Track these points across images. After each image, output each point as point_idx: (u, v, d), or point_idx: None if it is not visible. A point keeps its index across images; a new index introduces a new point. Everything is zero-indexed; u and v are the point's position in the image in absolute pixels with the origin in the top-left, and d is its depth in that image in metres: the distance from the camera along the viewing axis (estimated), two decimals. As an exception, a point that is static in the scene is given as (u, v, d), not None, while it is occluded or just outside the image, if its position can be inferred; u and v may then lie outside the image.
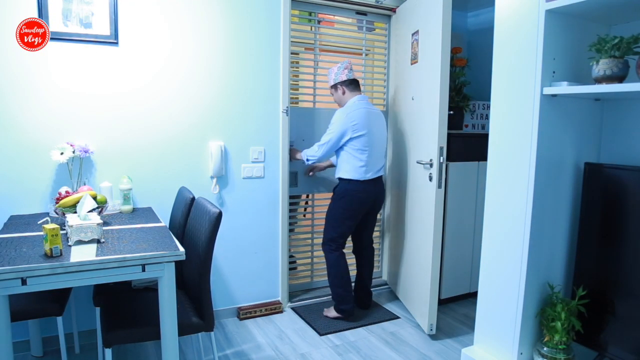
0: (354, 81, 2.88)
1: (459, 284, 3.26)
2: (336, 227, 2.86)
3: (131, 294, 2.19)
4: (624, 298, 1.90)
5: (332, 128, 2.80)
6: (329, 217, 2.91)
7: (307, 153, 2.92)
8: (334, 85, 2.90)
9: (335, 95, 2.93)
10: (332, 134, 2.79)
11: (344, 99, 2.87)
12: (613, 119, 2.10)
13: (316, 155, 2.87)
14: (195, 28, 2.71)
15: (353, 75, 2.88)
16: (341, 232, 2.87)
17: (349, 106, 2.80)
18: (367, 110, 2.80)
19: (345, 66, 2.86)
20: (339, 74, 2.86)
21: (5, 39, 2.27)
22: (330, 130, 2.81)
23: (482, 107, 3.43)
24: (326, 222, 2.93)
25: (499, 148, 2.14)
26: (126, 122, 2.60)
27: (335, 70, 2.88)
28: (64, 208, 2.09)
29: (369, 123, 2.77)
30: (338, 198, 2.85)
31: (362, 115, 2.76)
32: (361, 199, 2.83)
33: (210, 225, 1.93)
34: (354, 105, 2.80)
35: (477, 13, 3.71)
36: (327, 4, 3.15)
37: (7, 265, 1.57)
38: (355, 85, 2.88)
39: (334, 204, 2.89)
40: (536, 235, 2.00)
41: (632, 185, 1.88)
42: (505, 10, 2.06)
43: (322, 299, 3.23)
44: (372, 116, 2.81)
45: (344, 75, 2.85)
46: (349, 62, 2.89)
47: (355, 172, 2.79)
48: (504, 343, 2.11)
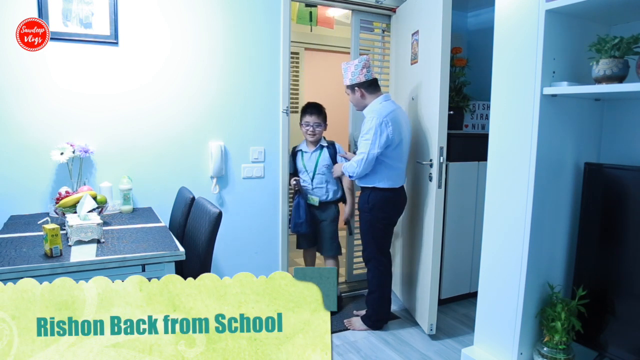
0: (374, 81, 2.64)
1: (459, 284, 3.26)
2: (380, 240, 2.67)
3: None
4: (624, 298, 1.90)
5: (367, 139, 2.51)
6: (369, 232, 2.67)
7: (347, 170, 2.63)
8: (350, 86, 2.66)
9: (352, 96, 2.69)
10: (368, 146, 2.50)
11: (363, 102, 2.65)
12: (613, 119, 2.10)
13: (356, 172, 2.57)
14: (195, 28, 2.71)
15: (372, 75, 2.63)
16: (387, 242, 2.71)
17: (378, 111, 2.53)
18: (398, 114, 2.59)
19: (364, 64, 2.59)
20: (357, 73, 2.59)
21: (5, 39, 2.27)
22: (365, 142, 2.52)
23: (482, 107, 3.43)
24: (366, 238, 2.71)
25: (499, 148, 2.14)
26: (126, 122, 2.60)
27: (352, 69, 2.60)
28: (64, 208, 2.10)
29: (401, 129, 2.57)
30: (375, 209, 2.62)
31: (396, 121, 2.54)
32: (397, 204, 2.71)
33: (210, 225, 1.93)
34: (383, 109, 2.54)
35: (477, 13, 3.71)
36: (327, 4, 3.15)
37: (7, 265, 1.57)
38: (375, 86, 2.65)
39: (370, 216, 2.64)
40: (536, 235, 2.00)
41: (632, 185, 1.88)
42: (505, 10, 2.06)
43: (322, 299, 3.22)
44: (403, 119, 2.62)
45: (362, 76, 2.59)
46: (367, 60, 2.61)
47: (390, 181, 2.59)
48: (504, 343, 2.11)
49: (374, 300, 2.76)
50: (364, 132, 2.56)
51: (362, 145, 2.55)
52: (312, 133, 2.94)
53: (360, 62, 2.60)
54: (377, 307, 2.76)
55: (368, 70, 2.60)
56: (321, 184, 3.00)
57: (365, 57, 2.64)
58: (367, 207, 2.64)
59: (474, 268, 3.15)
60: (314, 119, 2.93)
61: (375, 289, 2.73)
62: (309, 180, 3.00)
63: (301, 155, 3.04)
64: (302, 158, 3.03)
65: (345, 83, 2.69)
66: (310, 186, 3.01)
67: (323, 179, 3.00)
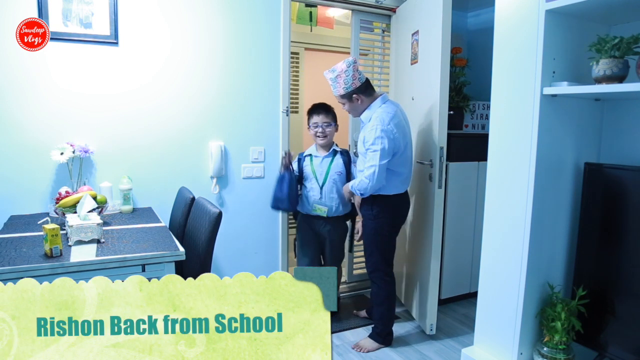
0: (367, 82, 2.44)
1: (459, 284, 3.26)
2: (385, 249, 2.51)
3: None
4: (624, 298, 1.90)
5: (375, 150, 2.30)
6: (373, 240, 2.49)
7: (358, 188, 2.37)
8: (346, 94, 2.40)
9: (349, 105, 2.45)
10: (377, 158, 2.29)
11: (361, 108, 2.45)
12: (613, 119, 2.10)
13: (369, 187, 2.32)
14: (195, 28, 2.71)
15: (364, 75, 2.44)
16: (391, 252, 2.56)
17: (380, 117, 2.33)
18: (400, 117, 2.42)
19: (354, 67, 2.36)
20: (350, 80, 2.35)
21: (5, 39, 2.27)
22: (373, 153, 2.31)
23: (482, 107, 3.43)
24: (370, 248, 2.52)
25: (499, 148, 2.14)
26: (126, 122, 2.60)
27: (343, 77, 2.35)
28: (64, 208, 2.10)
29: (405, 132, 2.42)
30: (379, 216, 2.46)
31: (400, 126, 2.38)
32: (402, 209, 2.57)
33: (210, 225, 1.93)
34: (385, 114, 2.35)
35: (477, 13, 3.71)
36: (327, 4, 3.15)
37: (7, 265, 1.57)
38: (370, 87, 2.46)
39: (374, 223, 2.47)
40: (536, 235, 2.00)
41: (632, 185, 1.88)
42: (505, 10, 2.06)
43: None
44: (405, 121, 2.47)
45: (357, 81, 2.36)
46: (355, 60, 2.40)
47: (395, 188, 2.45)
48: (504, 343, 2.11)
49: (382, 314, 2.57)
50: (369, 143, 2.33)
51: (371, 157, 2.31)
52: (323, 134, 2.64)
53: (350, 66, 2.35)
54: (386, 321, 2.59)
55: (359, 71, 2.39)
56: (332, 193, 2.67)
57: (352, 58, 2.40)
58: (371, 215, 2.48)
59: (474, 268, 3.15)
60: (322, 118, 2.65)
61: (382, 302, 2.55)
62: (317, 188, 2.67)
63: (310, 160, 2.72)
64: (312, 163, 2.71)
65: (338, 93, 2.42)
66: (318, 195, 2.68)
67: (334, 188, 2.67)
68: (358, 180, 2.38)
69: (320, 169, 2.69)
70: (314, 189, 2.69)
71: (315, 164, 2.71)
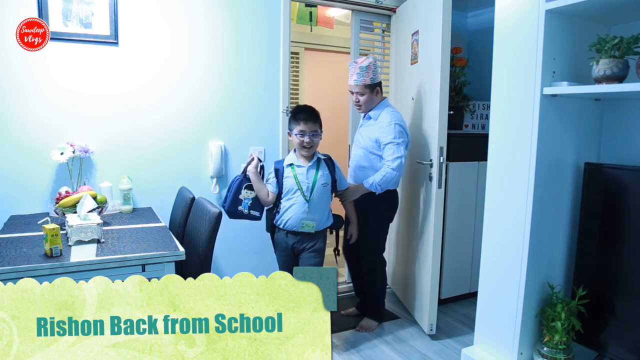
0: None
1: (459, 284, 3.26)
2: (383, 236, 2.76)
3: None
4: (624, 298, 1.90)
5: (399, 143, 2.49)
6: (377, 229, 2.70)
7: (380, 183, 2.50)
8: (372, 85, 2.56)
9: (369, 96, 2.57)
10: (401, 150, 2.49)
11: (376, 101, 2.62)
12: (613, 119, 2.10)
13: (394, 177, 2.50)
14: (195, 28, 2.71)
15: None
16: (385, 239, 2.79)
17: (394, 114, 2.56)
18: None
19: (377, 63, 2.61)
20: (377, 72, 2.56)
21: (5, 39, 2.27)
22: (397, 146, 2.48)
23: (482, 107, 3.43)
24: (373, 236, 2.70)
25: (499, 148, 2.14)
26: (126, 122, 2.60)
27: (372, 68, 2.53)
28: (64, 208, 2.10)
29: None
30: (386, 209, 2.70)
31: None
32: (397, 203, 2.79)
33: (210, 225, 1.93)
34: (395, 112, 2.59)
35: (477, 13, 3.71)
36: (327, 4, 3.15)
37: (7, 265, 1.57)
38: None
39: (381, 217, 2.69)
40: (536, 235, 2.00)
41: (632, 185, 1.88)
42: (505, 10, 2.06)
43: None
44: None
45: (380, 76, 2.61)
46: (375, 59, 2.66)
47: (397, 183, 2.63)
48: (504, 343, 2.11)
49: (380, 293, 2.83)
50: (390, 137, 2.47)
51: (395, 150, 2.46)
52: (310, 145, 2.33)
53: (376, 61, 2.59)
54: (383, 300, 2.86)
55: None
56: (319, 206, 2.39)
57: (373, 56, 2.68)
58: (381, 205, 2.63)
59: (474, 268, 3.15)
60: (310, 126, 2.31)
61: (380, 283, 2.79)
62: (303, 202, 2.35)
63: (292, 170, 2.37)
64: (295, 174, 2.37)
65: (363, 83, 2.53)
66: (305, 210, 2.35)
67: (322, 199, 2.40)
68: (382, 174, 2.49)
69: (306, 180, 2.37)
70: (299, 203, 2.36)
71: (299, 174, 2.37)
